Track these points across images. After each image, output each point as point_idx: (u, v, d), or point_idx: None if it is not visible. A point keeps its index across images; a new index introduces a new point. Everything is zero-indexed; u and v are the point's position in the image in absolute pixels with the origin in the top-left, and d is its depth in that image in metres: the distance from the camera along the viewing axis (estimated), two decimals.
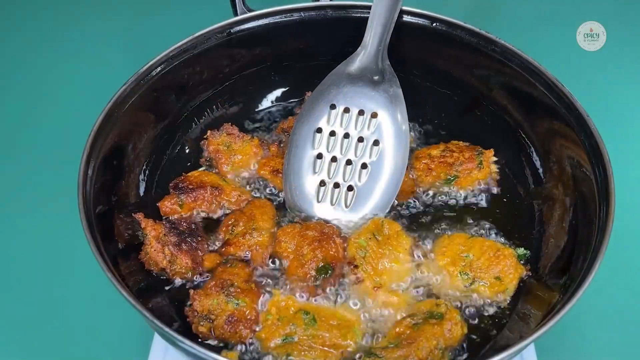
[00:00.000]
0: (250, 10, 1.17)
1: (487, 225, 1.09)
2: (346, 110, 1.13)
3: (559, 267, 0.99)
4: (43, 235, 1.26)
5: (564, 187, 1.07)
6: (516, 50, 1.10)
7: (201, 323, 0.94)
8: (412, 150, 1.18)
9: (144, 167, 1.14)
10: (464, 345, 0.95)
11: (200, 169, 1.17)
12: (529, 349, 1.05)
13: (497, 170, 1.16)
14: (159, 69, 1.10)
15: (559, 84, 1.06)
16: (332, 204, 1.10)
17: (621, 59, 1.53)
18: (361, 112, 1.12)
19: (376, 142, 1.11)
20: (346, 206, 1.09)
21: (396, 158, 1.10)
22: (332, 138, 1.12)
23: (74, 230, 0.90)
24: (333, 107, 1.13)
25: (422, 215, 1.11)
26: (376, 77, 1.13)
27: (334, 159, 1.12)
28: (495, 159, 1.16)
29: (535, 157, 1.15)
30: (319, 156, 1.12)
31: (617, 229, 0.90)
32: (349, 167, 1.11)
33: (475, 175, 1.13)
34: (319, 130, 1.12)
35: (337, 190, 1.10)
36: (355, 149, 1.11)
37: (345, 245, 1.04)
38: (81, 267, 1.09)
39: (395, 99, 1.12)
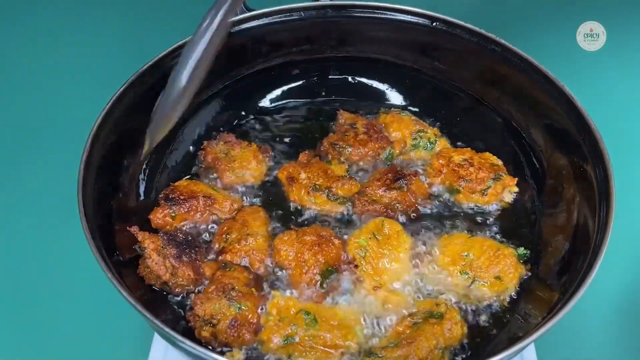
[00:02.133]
0: (250, 10, 1.17)
1: (487, 225, 1.09)
2: None
3: (559, 266, 0.99)
4: (42, 235, 1.26)
5: (563, 187, 1.07)
6: (516, 50, 1.10)
7: (204, 328, 0.92)
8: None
9: (144, 167, 1.14)
10: (464, 344, 0.94)
11: (186, 178, 1.15)
12: (529, 349, 1.05)
13: (512, 200, 1.12)
14: (158, 68, 1.10)
15: (559, 83, 1.06)
16: None
17: (621, 59, 1.53)
18: None
19: None
20: None
21: None
22: None
23: (73, 230, 0.90)
24: None
25: (423, 215, 1.11)
26: None
27: None
28: (516, 189, 1.12)
29: (535, 157, 1.15)
30: None
31: (617, 229, 0.90)
32: None
33: (475, 198, 1.10)
34: None
35: None
36: None
37: (344, 245, 1.03)
38: (80, 267, 1.09)
39: None
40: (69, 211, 0.92)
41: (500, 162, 1.14)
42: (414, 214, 1.09)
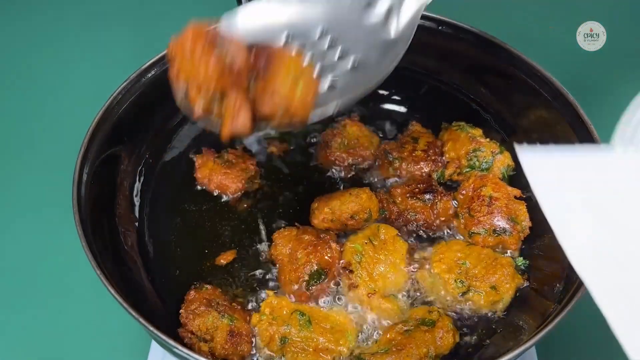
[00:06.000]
0: None
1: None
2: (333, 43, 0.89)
3: (556, 274, 0.98)
4: (40, 238, 1.26)
5: None
6: (517, 52, 1.10)
7: (201, 344, 0.91)
8: None
9: (142, 166, 1.14)
10: (456, 353, 0.93)
11: None
12: (530, 351, 1.04)
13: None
14: (157, 68, 1.09)
15: (559, 84, 1.05)
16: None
17: (621, 59, 1.52)
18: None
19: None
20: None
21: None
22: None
23: (70, 233, 0.90)
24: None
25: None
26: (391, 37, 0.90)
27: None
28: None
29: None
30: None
31: None
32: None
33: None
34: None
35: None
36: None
37: (342, 250, 1.02)
38: (79, 269, 1.08)
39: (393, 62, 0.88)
40: (67, 215, 0.92)
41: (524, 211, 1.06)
42: (424, 233, 1.08)
